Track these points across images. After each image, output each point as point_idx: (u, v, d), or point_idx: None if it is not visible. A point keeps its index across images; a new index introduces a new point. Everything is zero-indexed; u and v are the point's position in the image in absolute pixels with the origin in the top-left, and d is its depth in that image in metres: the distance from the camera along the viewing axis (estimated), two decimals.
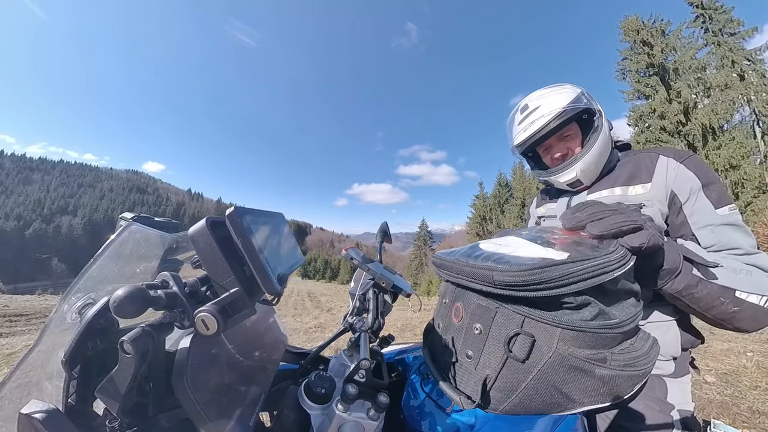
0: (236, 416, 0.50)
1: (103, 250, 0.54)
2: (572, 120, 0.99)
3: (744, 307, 0.68)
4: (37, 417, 0.37)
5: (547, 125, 0.98)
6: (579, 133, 1.04)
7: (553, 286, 0.45)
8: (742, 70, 17.14)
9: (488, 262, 0.51)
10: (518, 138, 1.07)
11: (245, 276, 0.43)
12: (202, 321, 0.38)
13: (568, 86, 1.03)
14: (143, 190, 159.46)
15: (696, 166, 0.87)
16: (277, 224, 0.54)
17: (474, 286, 0.54)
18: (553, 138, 1.03)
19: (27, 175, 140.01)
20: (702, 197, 0.84)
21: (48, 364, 0.47)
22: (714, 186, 0.85)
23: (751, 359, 3.33)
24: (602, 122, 0.99)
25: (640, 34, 19.42)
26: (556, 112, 0.97)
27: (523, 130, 1.04)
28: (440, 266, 0.64)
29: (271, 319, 0.78)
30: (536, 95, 1.05)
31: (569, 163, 0.99)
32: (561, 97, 0.99)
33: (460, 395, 0.56)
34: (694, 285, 0.67)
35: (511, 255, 0.51)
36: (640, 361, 0.48)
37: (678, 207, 0.86)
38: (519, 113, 1.08)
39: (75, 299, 0.50)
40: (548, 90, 1.04)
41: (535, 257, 0.47)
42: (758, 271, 0.74)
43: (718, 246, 0.80)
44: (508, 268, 0.47)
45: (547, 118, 0.98)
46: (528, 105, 1.05)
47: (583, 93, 1.01)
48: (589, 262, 0.45)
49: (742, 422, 2.29)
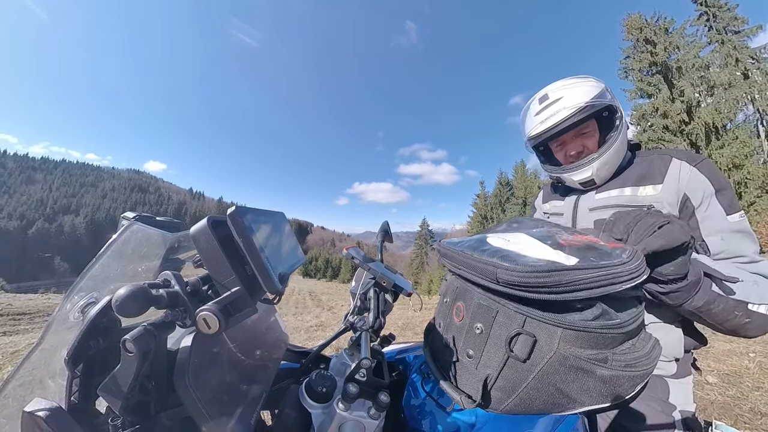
0: (237, 415, 0.51)
1: (105, 249, 0.54)
2: (593, 116, 0.94)
3: (754, 318, 0.68)
4: (40, 415, 0.38)
5: (568, 119, 0.92)
6: (597, 131, 0.99)
7: (557, 291, 0.44)
8: (746, 68, 17.02)
9: (494, 258, 0.50)
10: (534, 130, 1.00)
11: (246, 275, 0.43)
12: (203, 320, 0.38)
13: (592, 79, 0.97)
14: (145, 189, 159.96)
15: (709, 170, 0.85)
16: (278, 223, 0.54)
17: (476, 280, 0.54)
18: (570, 133, 0.98)
19: (30, 174, 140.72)
20: (715, 203, 0.83)
21: (51, 362, 0.47)
22: (726, 191, 0.84)
23: (753, 360, 3.31)
24: (623, 123, 0.95)
25: (643, 32, 19.30)
26: (579, 106, 0.91)
27: (540, 121, 0.98)
28: (444, 255, 0.64)
29: (272, 318, 0.78)
30: (558, 85, 0.98)
31: (586, 162, 0.95)
32: (585, 90, 0.93)
33: (460, 394, 0.56)
34: (712, 301, 0.66)
35: (517, 253, 0.50)
36: (642, 361, 0.48)
37: (690, 211, 0.85)
38: (537, 103, 1.00)
39: (78, 298, 0.51)
40: (571, 81, 0.98)
41: (543, 259, 0.47)
42: (763, 279, 0.74)
43: (726, 254, 0.80)
44: (513, 267, 0.46)
45: (569, 111, 0.92)
46: (548, 95, 0.97)
47: (607, 89, 0.96)
48: (597, 271, 0.43)
49: (744, 423, 2.28)
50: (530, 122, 1.03)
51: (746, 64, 17.04)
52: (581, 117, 0.92)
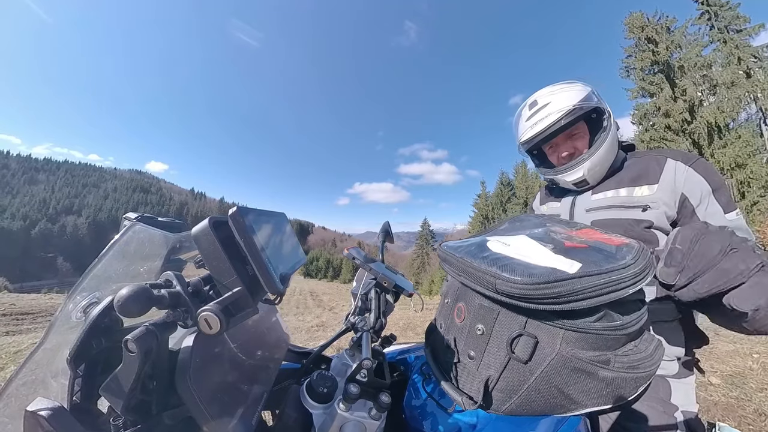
0: (238, 415, 0.51)
1: (107, 249, 0.55)
2: (581, 119, 0.98)
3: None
4: (42, 414, 0.38)
5: (556, 122, 0.96)
6: (587, 133, 1.02)
7: (559, 302, 0.44)
8: (748, 67, 16.93)
9: (494, 268, 0.49)
10: (525, 135, 1.04)
11: (248, 275, 0.43)
12: (205, 320, 0.38)
13: (578, 84, 1.02)
14: (147, 189, 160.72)
15: (704, 169, 0.87)
16: (279, 224, 0.54)
17: (476, 289, 0.53)
18: (561, 136, 1.02)
19: (32, 175, 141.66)
20: (713, 202, 0.84)
21: (53, 362, 0.47)
22: (722, 190, 0.85)
23: (757, 361, 3.29)
24: (611, 123, 0.98)
25: (645, 31, 19.22)
26: (566, 109, 0.95)
27: (530, 126, 1.02)
28: (444, 260, 0.64)
29: (273, 318, 0.79)
30: (546, 91, 1.02)
31: (577, 162, 0.98)
32: (571, 94, 0.98)
33: (461, 395, 0.56)
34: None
35: (518, 261, 0.49)
36: (644, 363, 0.47)
37: (690, 210, 0.86)
38: (527, 109, 1.05)
39: (80, 298, 0.51)
40: (558, 87, 1.02)
41: (544, 267, 0.46)
42: None
43: None
44: (512, 279, 0.45)
45: (557, 115, 0.96)
46: (537, 101, 1.02)
47: (594, 92, 1.00)
48: (600, 277, 0.43)
49: (748, 425, 2.26)
50: (522, 127, 1.07)
51: (749, 62, 16.95)
52: (569, 120, 0.96)
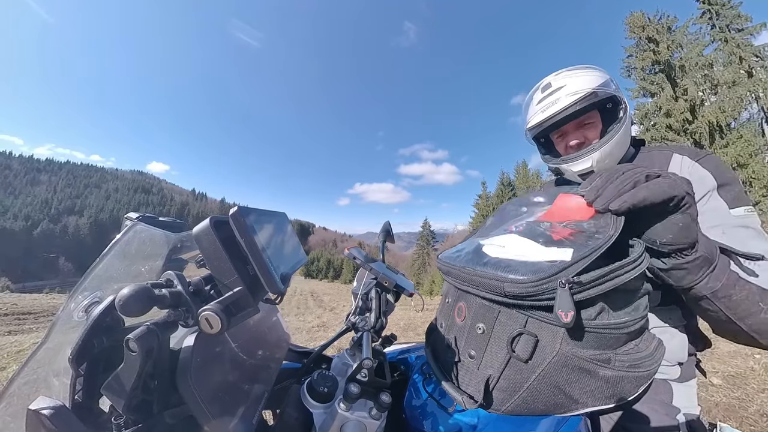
0: (239, 414, 0.51)
1: (108, 249, 0.55)
2: (595, 107, 0.92)
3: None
4: (44, 413, 0.38)
5: (569, 107, 0.90)
6: (599, 123, 0.96)
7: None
8: (750, 66, 16.88)
9: (497, 272, 0.49)
10: (535, 118, 0.97)
11: (249, 275, 0.43)
12: (206, 320, 0.39)
13: (596, 69, 0.95)
14: (148, 190, 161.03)
15: (712, 165, 0.82)
16: (280, 224, 0.54)
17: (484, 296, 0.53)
18: (572, 124, 0.96)
19: (34, 176, 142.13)
20: (716, 197, 0.78)
21: (55, 361, 0.47)
22: (730, 186, 0.78)
23: (758, 362, 3.28)
24: (627, 115, 0.92)
25: (645, 30, 19.19)
26: (583, 93, 0.88)
27: (541, 110, 0.95)
28: (447, 273, 0.63)
29: (274, 318, 0.79)
30: (562, 74, 0.95)
31: (587, 151, 0.92)
32: (589, 78, 0.91)
33: (462, 395, 0.56)
34: (732, 285, 0.55)
35: (518, 261, 0.49)
36: (645, 362, 0.47)
37: None
38: (539, 92, 0.98)
39: (81, 298, 0.51)
40: (575, 70, 0.95)
41: (542, 261, 0.46)
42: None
43: None
44: (519, 280, 0.45)
45: (573, 98, 0.89)
46: (551, 83, 0.95)
47: (612, 80, 0.94)
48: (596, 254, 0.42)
49: (750, 426, 2.26)
50: (531, 111, 1.01)
51: (750, 62, 16.90)
52: (584, 105, 0.89)
